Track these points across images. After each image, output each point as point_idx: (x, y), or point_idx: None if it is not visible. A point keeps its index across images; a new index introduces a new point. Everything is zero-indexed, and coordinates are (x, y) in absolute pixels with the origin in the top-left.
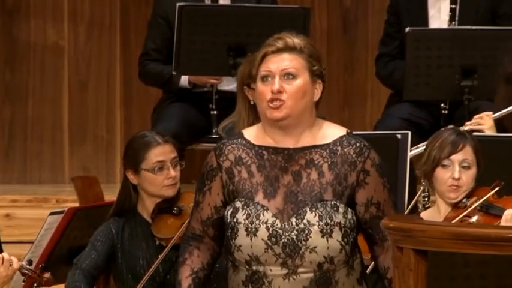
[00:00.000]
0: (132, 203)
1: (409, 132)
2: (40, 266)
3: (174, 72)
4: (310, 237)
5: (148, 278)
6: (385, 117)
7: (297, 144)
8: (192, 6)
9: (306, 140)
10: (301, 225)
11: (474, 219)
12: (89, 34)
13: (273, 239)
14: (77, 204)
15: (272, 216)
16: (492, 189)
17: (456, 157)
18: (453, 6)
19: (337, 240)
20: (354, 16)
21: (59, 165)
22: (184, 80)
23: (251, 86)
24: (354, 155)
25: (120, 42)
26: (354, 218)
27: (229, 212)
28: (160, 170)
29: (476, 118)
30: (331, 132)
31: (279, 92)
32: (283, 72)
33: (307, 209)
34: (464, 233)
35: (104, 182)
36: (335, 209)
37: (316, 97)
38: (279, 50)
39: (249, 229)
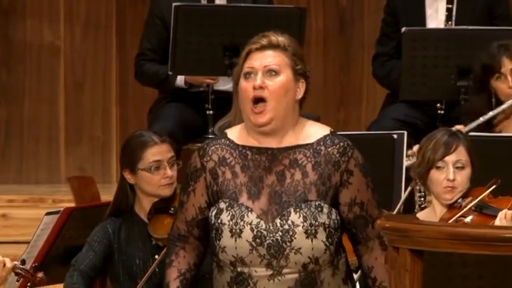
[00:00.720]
0: (129, 203)
1: (405, 132)
2: (33, 265)
3: (170, 72)
4: (295, 238)
5: (146, 279)
6: (379, 118)
7: (280, 144)
8: (188, 6)
9: (289, 140)
10: (286, 226)
11: (469, 219)
12: (85, 34)
13: (258, 240)
14: (73, 205)
15: (256, 217)
16: (488, 189)
17: (450, 158)
18: (449, 6)
19: (322, 241)
20: (350, 16)
21: (55, 165)
22: (180, 80)
23: None
24: (337, 155)
25: (116, 42)
26: (338, 218)
27: (214, 213)
28: (157, 170)
29: None
30: (314, 131)
31: (261, 87)
32: (266, 68)
33: (292, 210)
34: (460, 233)
35: (100, 182)
36: (319, 209)
37: (299, 95)
38: (263, 47)
39: (234, 230)
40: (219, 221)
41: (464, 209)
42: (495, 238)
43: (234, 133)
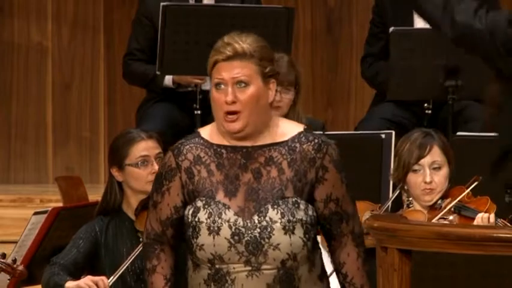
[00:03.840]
0: (117, 202)
1: (393, 132)
2: (13, 259)
3: (157, 72)
4: (273, 234)
5: (124, 273)
6: (367, 117)
7: (255, 143)
8: (176, 6)
9: (264, 139)
10: (264, 223)
11: (448, 221)
12: (72, 34)
13: (236, 237)
14: (61, 204)
15: (234, 214)
16: (468, 188)
17: (425, 160)
18: None
19: (300, 237)
20: (338, 16)
21: (42, 165)
22: (168, 79)
23: None
24: (312, 151)
25: (103, 42)
26: (315, 214)
27: (190, 212)
28: (144, 165)
29: None
30: (288, 129)
31: (233, 102)
32: (235, 80)
33: (269, 206)
34: (448, 233)
35: (88, 182)
36: (296, 205)
37: (271, 98)
38: (229, 58)
39: (211, 228)
40: (196, 219)
41: (444, 211)
42: (484, 238)
43: (207, 132)
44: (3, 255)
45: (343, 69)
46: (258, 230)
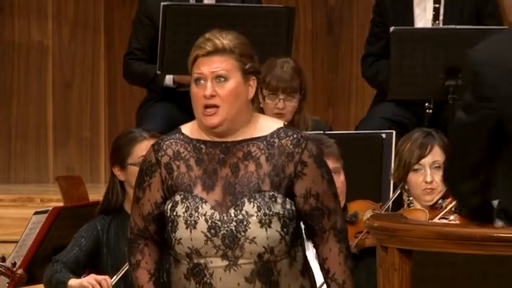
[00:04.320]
0: (119, 201)
1: (394, 132)
2: (12, 263)
3: (158, 72)
4: (249, 227)
5: (126, 272)
6: (368, 117)
7: (234, 138)
8: (176, 6)
9: (243, 134)
10: (240, 216)
11: (449, 221)
12: (73, 34)
13: (212, 231)
14: (61, 204)
15: (211, 208)
16: None
17: (426, 160)
18: (437, 5)
19: (277, 230)
20: (339, 16)
21: (43, 165)
22: (168, 79)
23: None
24: (291, 146)
25: (104, 41)
26: (294, 208)
27: (169, 206)
28: None
29: None
30: (268, 125)
31: (212, 96)
32: (215, 74)
33: (246, 200)
34: (449, 233)
35: (88, 181)
36: (273, 199)
37: (251, 94)
38: (209, 53)
39: (188, 222)
40: (174, 213)
41: (445, 210)
42: (484, 238)
43: (188, 128)
44: (3, 259)
45: (344, 69)
46: (234, 223)
